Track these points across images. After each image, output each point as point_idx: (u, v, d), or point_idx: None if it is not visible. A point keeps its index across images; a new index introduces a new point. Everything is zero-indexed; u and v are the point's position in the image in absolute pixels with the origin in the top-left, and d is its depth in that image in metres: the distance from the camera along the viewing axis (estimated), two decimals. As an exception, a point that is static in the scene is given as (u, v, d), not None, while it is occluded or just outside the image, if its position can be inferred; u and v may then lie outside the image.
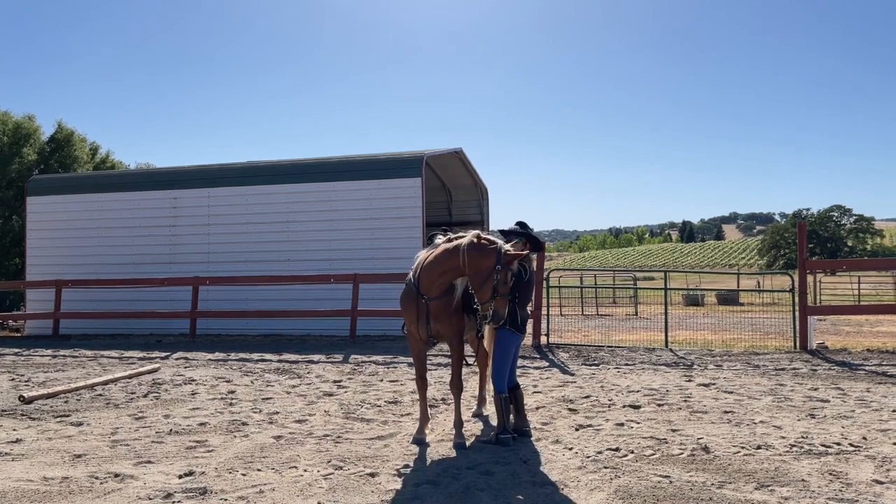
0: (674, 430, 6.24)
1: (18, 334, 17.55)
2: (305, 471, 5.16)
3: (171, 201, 16.71)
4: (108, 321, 16.18)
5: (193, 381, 9.37)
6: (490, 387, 6.52)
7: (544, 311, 13.17)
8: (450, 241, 5.89)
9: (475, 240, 5.59)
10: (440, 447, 5.81)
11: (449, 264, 5.64)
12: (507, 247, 5.60)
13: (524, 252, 5.79)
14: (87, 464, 5.42)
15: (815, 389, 8.14)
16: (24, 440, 6.17)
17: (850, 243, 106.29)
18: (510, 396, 6.10)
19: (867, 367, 9.82)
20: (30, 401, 7.90)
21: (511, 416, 6.10)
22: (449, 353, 6.26)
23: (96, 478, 5.05)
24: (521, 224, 6.29)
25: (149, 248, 16.68)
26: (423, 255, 6.05)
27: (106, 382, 9.15)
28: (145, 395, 8.31)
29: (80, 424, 6.78)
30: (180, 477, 5.03)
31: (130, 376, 9.66)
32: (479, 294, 5.53)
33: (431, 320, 5.83)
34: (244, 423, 6.75)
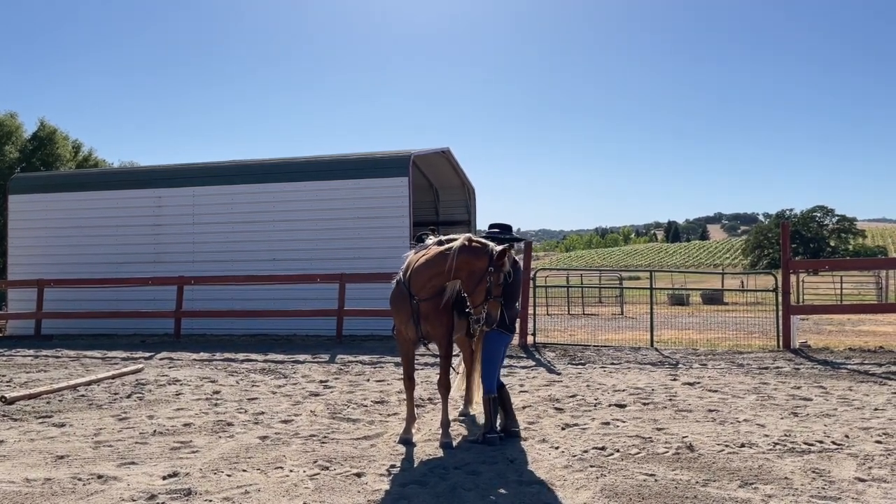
0: (659, 429, 6.28)
1: (0, 334, 17.34)
2: (291, 471, 5.14)
3: (155, 200, 16.56)
4: (91, 321, 15.99)
5: (178, 381, 9.31)
6: (477, 386, 6.53)
7: (531, 311, 13.20)
8: (441, 243, 5.88)
9: (466, 243, 5.59)
10: (427, 447, 5.81)
11: (441, 267, 5.61)
12: (498, 249, 5.61)
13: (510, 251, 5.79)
14: (70, 465, 5.36)
15: (798, 388, 8.22)
16: (5, 441, 6.10)
17: (832, 243, 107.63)
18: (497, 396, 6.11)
19: (849, 366, 9.93)
20: (11, 401, 7.80)
21: (498, 416, 6.11)
22: (436, 353, 6.25)
23: (79, 479, 5.00)
24: (494, 226, 6.30)
25: (133, 247, 16.50)
26: (414, 255, 6.04)
27: (89, 383, 9.06)
28: (129, 396, 8.24)
29: (63, 425, 6.71)
30: (164, 478, 4.99)
31: (114, 377, 9.57)
32: (472, 297, 5.51)
33: (421, 321, 5.83)
34: (229, 424, 6.71)
